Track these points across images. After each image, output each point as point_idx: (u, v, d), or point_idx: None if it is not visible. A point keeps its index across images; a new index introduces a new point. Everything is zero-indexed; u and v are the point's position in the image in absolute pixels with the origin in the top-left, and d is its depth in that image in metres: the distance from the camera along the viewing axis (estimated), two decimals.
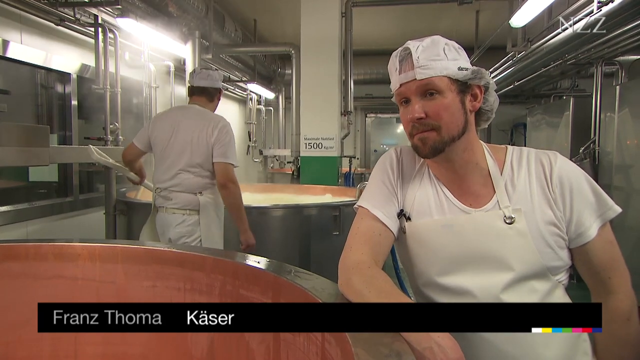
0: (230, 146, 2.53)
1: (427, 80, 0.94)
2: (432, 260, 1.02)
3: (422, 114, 0.95)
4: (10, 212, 3.51)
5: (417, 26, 6.83)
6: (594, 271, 1.00)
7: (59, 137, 4.15)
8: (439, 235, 1.01)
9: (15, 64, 3.56)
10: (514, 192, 0.99)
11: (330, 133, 5.01)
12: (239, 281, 1.16)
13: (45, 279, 1.32)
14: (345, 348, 0.74)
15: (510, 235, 0.96)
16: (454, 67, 0.96)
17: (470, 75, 0.97)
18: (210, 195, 2.57)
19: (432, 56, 0.95)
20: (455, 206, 1.02)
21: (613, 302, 0.98)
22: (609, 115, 4.33)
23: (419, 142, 0.98)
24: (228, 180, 2.48)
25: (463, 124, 0.98)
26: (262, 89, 7.96)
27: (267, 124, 10.03)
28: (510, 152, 1.05)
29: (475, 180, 1.02)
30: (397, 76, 0.98)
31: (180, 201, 2.53)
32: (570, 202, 0.97)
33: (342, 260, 0.99)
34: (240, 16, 6.46)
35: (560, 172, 0.98)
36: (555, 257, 0.97)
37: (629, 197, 3.91)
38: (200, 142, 2.50)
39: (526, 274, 0.96)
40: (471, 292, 0.97)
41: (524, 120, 7.43)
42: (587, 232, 0.97)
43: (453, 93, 0.96)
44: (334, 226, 3.22)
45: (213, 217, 2.58)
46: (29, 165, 3.41)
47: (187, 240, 2.52)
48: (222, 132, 2.52)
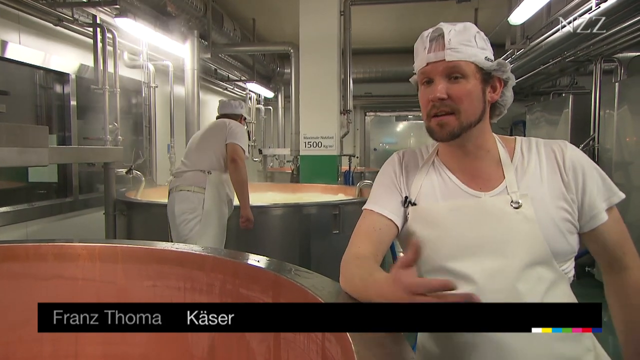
0: (240, 135, 2.96)
1: (455, 63, 0.96)
2: (443, 241, 1.01)
3: (445, 95, 0.96)
4: (10, 213, 3.51)
5: (415, 24, 6.82)
6: (609, 250, 1.03)
7: (58, 137, 4.15)
8: (447, 217, 1.01)
9: (14, 64, 3.56)
10: (523, 177, 1.00)
11: (329, 132, 5.01)
12: (239, 280, 1.16)
13: (45, 279, 1.32)
14: (346, 346, 0.74)
15: (516, 221, 0.96)
16: (481, 56, 0.98)
17: (495, 67, 1.00)
18: (218, 177, 2.91)
19: (464, 41, 0.97)
20: (463, 191, 1.03)
21: (629, 277, 1.02)
22: (608, 112, 4.33)
23: (436, 127, 1.00)
24: (237, 157, 2.87)
25: (481, 111, 1.00)
26: (261, 88, 7.96)
27: (267, 123, 10.03)
28: (519, 141, 1.07)
29: (486, 165, 1.04)
30: (425, 55, 0.99)
31: (189, 178, 2.89)
32: (582, 185, 0.99)
33: (343, 257, 1.03)
34: (239, 15, 6.46)
35: (572, 157, 1.01)
36: (564, 242, 0.98)
37: (628, 193, 3.89)
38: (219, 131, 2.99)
39: (531, 261, 0.96)
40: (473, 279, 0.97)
41: (524, 118, 7.43)
42: (600, 214, 0.99)
43: (476, 80, 0.98)
44: (333, 225, 3.22)
45: (217, 196, 2.88)
46: (28, 166, 3.40)
47: (188, 216, 2.80)
48: (233, 126, 3.00)
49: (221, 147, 2.93)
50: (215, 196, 2.87)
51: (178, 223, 2.80)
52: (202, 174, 2.87)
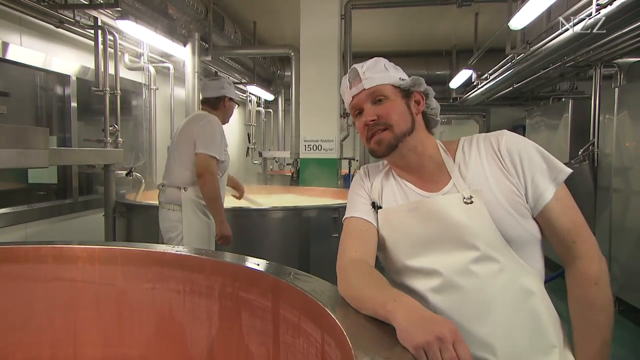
0: (211, 138, 2.61)
1: (374, 88, 1.11)
2: (402, 243, 1.10)
3: (375, 116, 1.10)
4: (10, 214, 3.50)
5: (416, 28, 6.84)
6: (559, 237, 1.04)
7: (59, 139, 4.16)
8: (406, 218, 1.09)
9: (15, 66, 3.57)
10: (467, 173, 1.08)
11: (329, 135, 5.01)
12: (238, 283, 1.16)
13: (45, 281, 1.32)
14: (345, 350, 0.74)
15: (469, 215, 1.03)
16: (395, 77, 1.13)
17: (410, 83, 1.13)
18: (194, 192, 2.64)
19: (376, 70, 1.13)
20: (417, 193, 1.12)
21: (579, 267, 1.03)
22: (607, 117, 4.33)
23: (375, 145, 1.12)
24: (205, 171, 2.55)
25: (411, 122, 1.12)
26: (261, 90, 7.96)
27: (267, 125, 10.03)
28: (462, 141, 1.16)
29: (431, 170, 1.13)
30: (349, 91, 1.15)
31: (167, 195, 2.70)
32: (521, 168, 1.04)
33: (338, 263, 1.07)
34: (239, 18, 6.47)
35: (508, 144, 1.07)
36: (519, 225, 1.02)
37: (628, 198, 3.91)
38: (187, 138, 2.65)
39: (488, 251, 1.01)
40: (439, 271, 1.03)
41: (523, 123, 7.43)
42: (543, 195, 1.03)
43: (398, 97, 1.12)
44: (333, 228, 3.21)
45: (194, 214, 2.64)
46: (28, 167, 3.40)
47: (171, 235, 2.64)
48: (204, 126, 2.63)
49: (191, 159, 2.62)
50: (194, 213, 2.65)
51: (165, 241, 2.72)
52: (178, 191, 2.65)
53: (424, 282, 1.05)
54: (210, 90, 2.79)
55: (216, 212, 2.61)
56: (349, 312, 0.89)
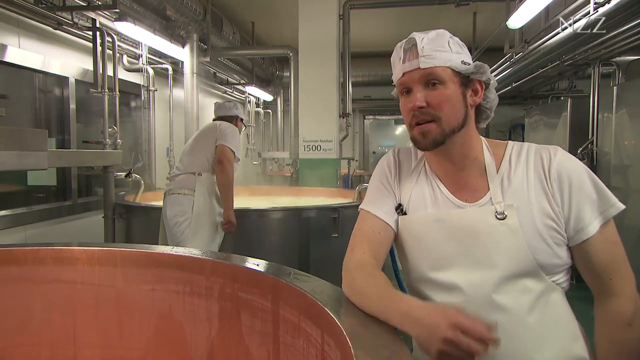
0: (230, 136, 2.94)
1: (430, 70, 0.95)
2: (424, 254, 1.02)
3: (424, 103, 0.96)
4: (9, 216, 3.50)
5: (414, 28, 6.71)
6: (594, 272, 0.96)
7: (58, 140, 4.15)
8: (431, 229, 1.01)
9: (14, 68, 3.56)
10: (509, 187, 0.98)
11: (328, 135, 5.01)
12: (238, 284, 1.16)
13: (44, 283, 1.32)
14: (345, 350, 0.74)
15: (500, 232, 0.94)
16: (457, 60, 0.97)
17: (472, 70, 0.99)
18: (208, 178, 2.93)
19: (437, 47, 0.96)
20: (450, 201, 1.02)
21: (614, 306, 0.95)
22: (606, 115, 4.33)
23: (419, 136, 0.99)
24: (224, 158, 2.86)
25: (463, 116, 0.98)
26: (260, 91, 7.96)
27: (266, 126, 10.03)
28: (510, 147, 1.04)
29: (472, 175, 1.02)
30: (401, 65, 0.99)
31: (180, 181, 2.93)
32: (569, 196, 0.94)
33: (345, 262, 1.03)
34: (238, 19, 6.47)
35: (560, 166, 0.96)
36: (552, 254, 0.94)
37: (627, 197, 3.91)
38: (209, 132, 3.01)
39: (516, 272, 0.94)
40: (461, 288, 0.96)
41: (522, 121, 7.43)
42: (586, 228, 0.93)
43: (455, 85, 0.97)
44: (332, 228, 3.21)
45: (206, 199, 2.89)
46: (27, 169, 3.40)
47: (179, 219, 2.83)
48: (227, 126, 3.01)
49: (212, 149, 2.94)
50: (206, 198, 2.89)
51: (171, 226, 2.86)
52: (193, 176, 2.90)
53: (443, 296, 0.99)
54: (226, 110, 3.21)
55: (227, 198, 2.86)
56: (349, 312, 0.89)
